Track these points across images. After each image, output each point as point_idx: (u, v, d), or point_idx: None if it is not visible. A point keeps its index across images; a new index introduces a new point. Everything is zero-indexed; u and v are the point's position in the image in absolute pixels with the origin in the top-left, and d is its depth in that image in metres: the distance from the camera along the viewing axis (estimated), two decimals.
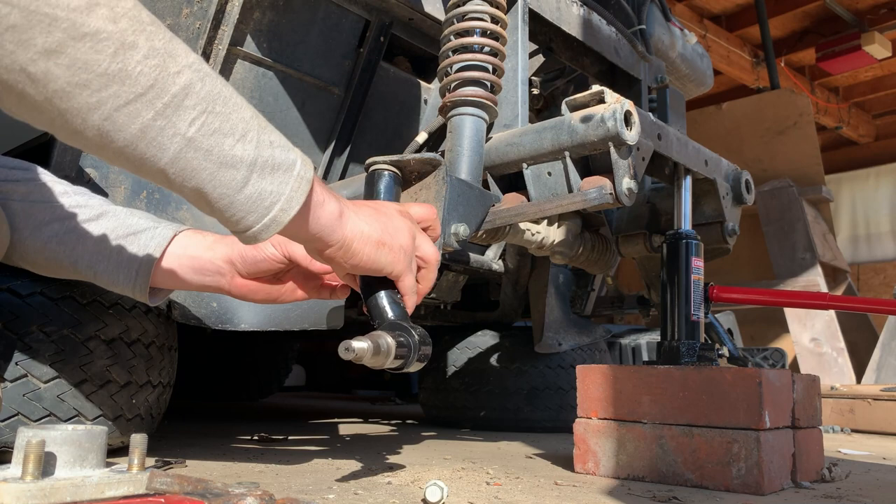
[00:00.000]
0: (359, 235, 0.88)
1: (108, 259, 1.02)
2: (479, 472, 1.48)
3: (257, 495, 0.68)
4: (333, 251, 0.87)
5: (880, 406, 3.04)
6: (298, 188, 0.78)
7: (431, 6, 1.78)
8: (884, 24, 5.92)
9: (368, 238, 0.89)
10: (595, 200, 1.27)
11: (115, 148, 0.66)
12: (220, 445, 1.84)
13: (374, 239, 0.90)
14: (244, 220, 0.76)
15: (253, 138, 0.74)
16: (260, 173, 0.74)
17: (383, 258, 0.91)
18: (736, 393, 1.33)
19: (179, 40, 0.68)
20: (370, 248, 0.89)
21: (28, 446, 0.70)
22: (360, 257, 0.89)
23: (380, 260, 0.91)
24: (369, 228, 0.89)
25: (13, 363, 1.28)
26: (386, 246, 0.91)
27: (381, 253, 0.91)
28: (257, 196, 0.75)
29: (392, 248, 0.92)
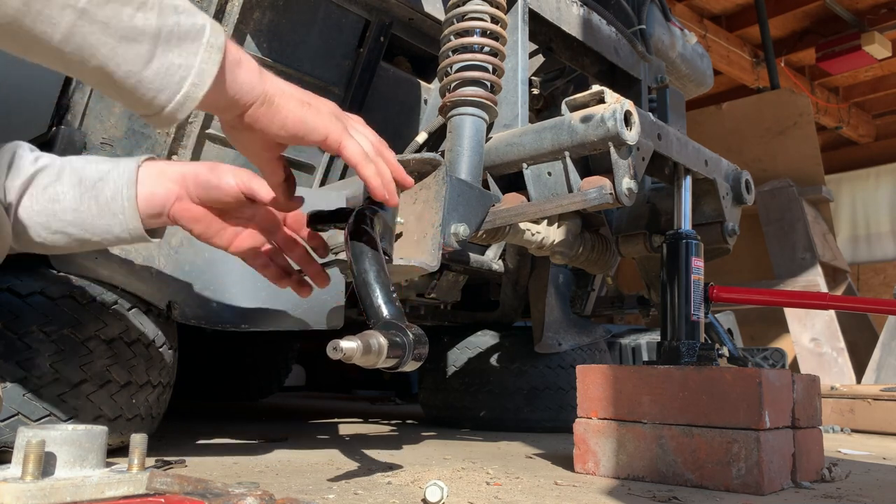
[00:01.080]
0: (280, 92, 0.81)
1: (93, 214, 0.94)
2: (479, 472, 1.48)
3: (257, 495, 0.68)
4: (255, 109, 0.80)
5: (880, 406, 3.04)
6: (209, 58, 0.72)
7: (431, 6, 1.78)
8: (884, 24, 5.92)
9: (291, 95, 0.83)
10: (595, 200, 1.27)
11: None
12: (220, 445, 1.84)
13: (297, 97, 0.84)
14: (156, 100, 0.70)
15: (154, 4, 0.67)
16: (166, 45, 0.68)
17: (311, 118, 0.85)
18: (736, 393, 1.33)
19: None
20: (294, 103, 0.83)
21: (28, 446, 0.70)
22: (284, 113, 0.82)
23: (307, 119, 0.84)
24: (291, 89, 0.84)
25: (13, 363, 1.28)
26: (312, 106, 0.85)
27: (308, 112, 0.84)
28: (165, 71, 0.69)
29: (319, 109, 0.86)
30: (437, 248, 1.20)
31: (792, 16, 6.10)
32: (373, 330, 0.94)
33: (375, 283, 1.01)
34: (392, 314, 0.98)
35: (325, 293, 1.49)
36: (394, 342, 0.93)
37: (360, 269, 1.03)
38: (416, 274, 1.26)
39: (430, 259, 1.20)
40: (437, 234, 1.20)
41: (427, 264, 1.19)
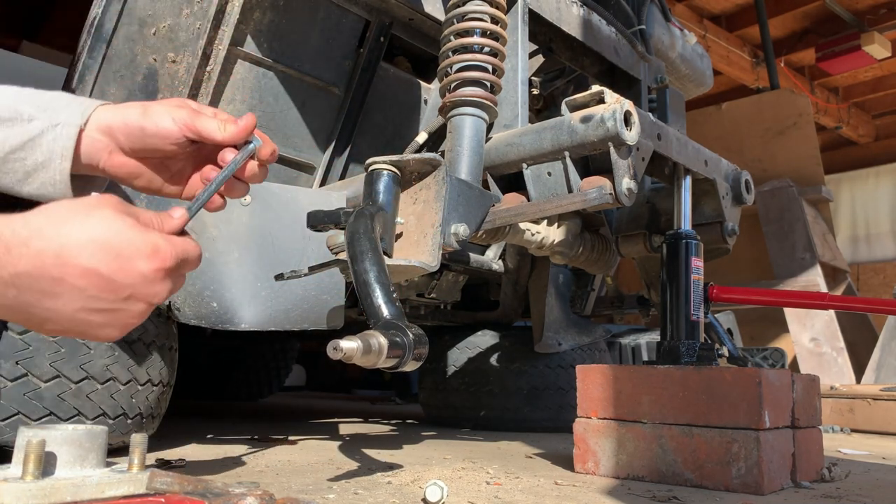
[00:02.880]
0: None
1: (17, 179, 0.80)
2: (479, 471, 1.48)
3: (257, 495, 0.68)
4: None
5: (880, 406, 3.04)
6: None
7: (431, 6, 1.78)
8: (884, 24, 5.92)
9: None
10: (595, 200, 1.27)
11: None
12: (220, 446, 1.84)
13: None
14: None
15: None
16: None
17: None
18: (736, 393, 1.34)
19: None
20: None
21: (28, 446, 0.70)
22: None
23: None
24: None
25: (13, 363, 1.28)
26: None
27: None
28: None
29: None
30: (437, 248, 1.20)
31: (792, 16, 6.10)
32: (373, 330, 0.94)
33: (375, 283, 1.01)
34: (392, 314, 0.98)
35: (326, 293, 1.49)
36: (394, 342, 0.93)
37: (360, 269, 1.03)
38: (416, 274, 1.26)
39: (430, 259, 1.20)
40: (437, 234, 1.20)
41: (427, 264, 1.20)
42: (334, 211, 1.16)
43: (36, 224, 0.65)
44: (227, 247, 1.43)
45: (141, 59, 1.55)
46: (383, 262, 1.05)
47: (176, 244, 0.71)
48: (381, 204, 1.20)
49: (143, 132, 0.80)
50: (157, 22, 1.54)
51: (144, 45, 1.54)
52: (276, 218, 1.47)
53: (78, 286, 0.66)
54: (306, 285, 1.47)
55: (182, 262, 0.72)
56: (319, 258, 1.40)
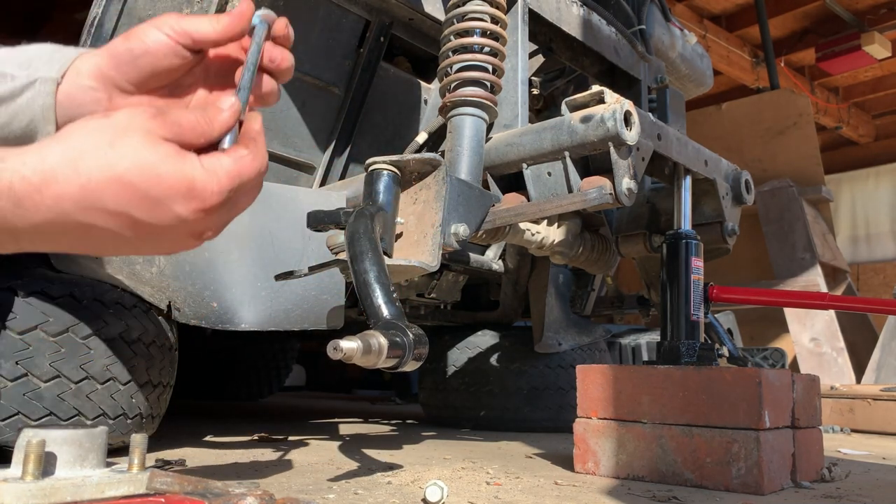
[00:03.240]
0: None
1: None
2: (479, 471, 1.48)
3: (257, 495, 0.68)
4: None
5: (880, 406, 3.04)
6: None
7: (431, 6, 1.78)
8: (884, 24, 5.92)
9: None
10: (595, 200, 1.27)
11: None
12: (220, 445, 1.84)
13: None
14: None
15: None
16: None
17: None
18: (736, 393, 1.33)
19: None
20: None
21: (28, 446, 0.70)
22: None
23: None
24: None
25: (13, 363, 1.28)
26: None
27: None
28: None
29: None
30: (437, 248, 1.20)
31: (792, 16, 6.10)
32: (373, 330, 0.94)
33: (375, 283, 1.01)
34: (392, 314, 0.98)
35: (326, 293, 1.49)
36: (394, 342, 0.93)
37: (360, 269, 1.03)
38: (416, 274, 1.26)
39: (430, 259, 1.20)
40: (437, 234, 1.20)
41: (427, 264, 1.20)
42: (334, 211, 1.16)
43: (51, 162, 0.55)
44: (227, 247, 1.43)
45: None
46: (383, 262, 1.05)
47: (219, 173, 0.59)
48: (381, 204, 1.20)
49: (132, 55, 0.69)
50: None
51: None
52: (276, 218, 1.47)
53: (110, 230, 0.58)
54: (306, 285, 1.47)
55: (232, 192, 0.60)
56: (319, 258, 1.40)
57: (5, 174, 0.53)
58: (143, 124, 0.57)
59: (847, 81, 7.15)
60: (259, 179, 0.64)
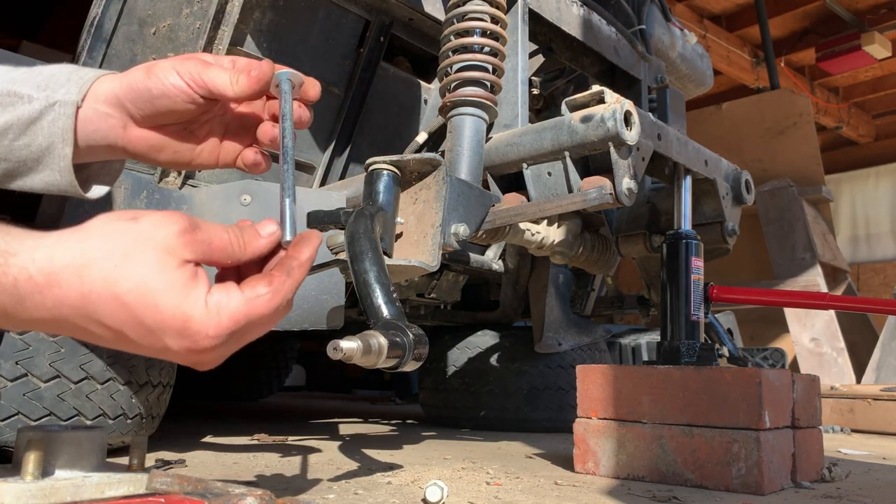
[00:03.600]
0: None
1: (28, 167, 0.72)
2: (479, 472, 1.48)
3: (257, 495, 0.67)
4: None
5: (880, 406, 3.04)
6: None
7: (431, 6, 1.78)
8: (884, 24, 5.92)
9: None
10: (595, 200, 1.27)
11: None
12: (220, 445, 1.84)
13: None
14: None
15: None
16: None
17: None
18: (736, 393, 1.33)
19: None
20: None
21: (28, 446, 0.70)
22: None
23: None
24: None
25: (13, 363, 1.28)
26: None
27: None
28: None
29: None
30: (437, 248, 1.20)
31: (792, 16, 6.10)
32: (373, 330, 0.94)
33: (375, 283, 1.01)
34: (392, 314, 0.98)
35: (326, 293, 1.49)
36: (394, 342, 0.93)
37: (360, 269, 1.03)
38: (416, 274, 1.26)
39: (430, 259, 1.20)
40: (437, 234, 1.20)
41: (427, 264, 1.19)
42: (334, 211, 1.16)
43: (59, 263, 0.53)
44: None
45: (141, 58, 1.54)
46: (383, 262, 1.05)
47: (222, 315, 0.56)
48: (381, 204, 1.20)
49: (150, 94, 0.70)
50: (157, 22, 1.53)
51: (144, 45, 1.54)
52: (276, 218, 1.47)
53: (106, 338, 0.56)
54: (306, 285, 1.47)
55: (234, 334, 0.57)
56: (319, 258, 1.40)
57: (13, 269, 0.52)
58: (167, 241, 0.55)
59: (847, 81, 7.15)
60: (277, 317, 0.60)
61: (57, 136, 0.69)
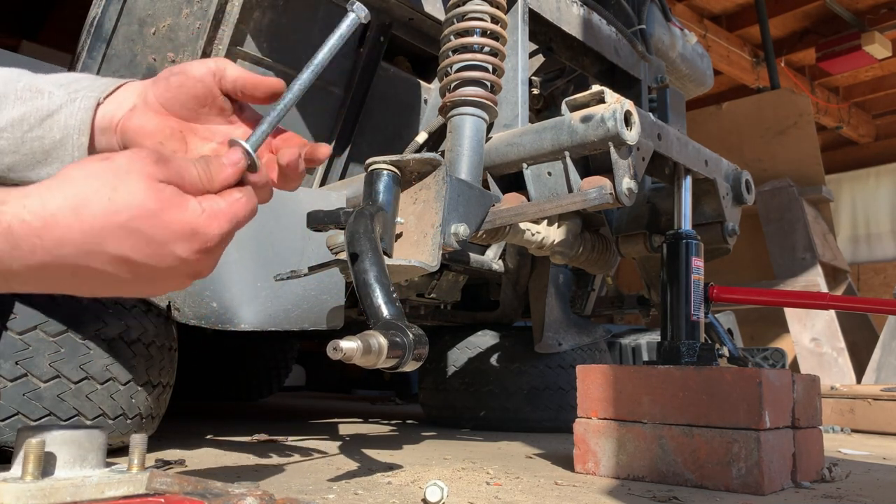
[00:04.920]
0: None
1: (36, 160, 0.72)
2: (479, 472, 1.48)
3: (257, 495, 0.67)
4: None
5: (880, 406, 3.04)
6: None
7: (431, 6, 1.78)
8: (884, 24, 5.92)
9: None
10: (595, 200, 1.27)
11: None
12: (220, 445, 1.84)
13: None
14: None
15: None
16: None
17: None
18: (736, 393, 1.33)
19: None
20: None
21: (28, 446, 0.70)
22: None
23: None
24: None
25: (13, 363, 1.28)
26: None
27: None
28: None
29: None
30: (437, 248, 1.20)
31: (792, 16, 6.10)
32: (373, 330, 0.94)
33: (375, 283, 1.01)
34: (392, 314, 0.98)
35: (326, 293, 1.49)
36: (394, 342, 0.93)
37: (360, 269, 1.03)
38: (416, 274, 1.26)
39: (430, 259, 1.20)
40: (437, 234, 1.20)
41: (427, 264, 1.19)
42: (334, 211, 1.16)
43: (52, 207, 0.55)
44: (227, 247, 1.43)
45: (141, 58, 1.55)
46: (383, 262, 1.05)
47: (219, 215, 0.61)
48: (381, 204, 1.20)
49: (169, 74, 0.72)
50: (156, 22, 1.53)
51: (144, 45, 1.54)
52: (276, 218, 1.47)
53: (107, 272, 0.58)
54: (306, 285, 1.47)
55: (228, 232, 0.63)
56: (319, 258, 1.40)
57: (5, 217, 0.54)
58: (144, 168, 0.58)
59: (847, 81, 7.15)
60: (250, 216, 0.66)
61: (73, 127, 0.71)
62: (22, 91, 0.72)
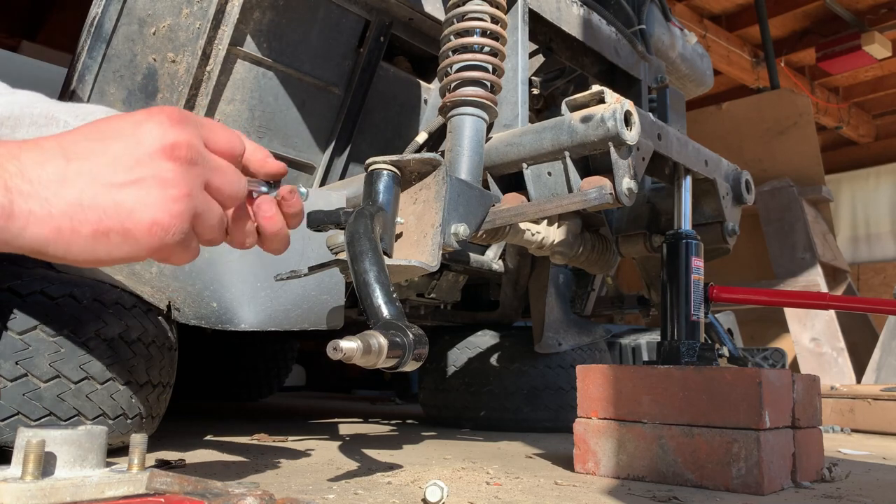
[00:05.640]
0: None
1: None
2: (479, 472, 1.48)
3: (257, 495, 0.67)
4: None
5: (880, 406, 3.04)
6: None
7: (431, 6, 1.78)
8: (884, 24, 5.92)
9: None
10: (595, 200, 1.27)
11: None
12: (220, 445, 1.84)
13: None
14: None
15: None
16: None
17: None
18: (736, 393, 1.33)
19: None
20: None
21: (28, 446, 0.70)
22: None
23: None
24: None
25: (13, 363, 1.28)
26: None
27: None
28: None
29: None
30: (437, 248, 1.20)
31: (792, 16, 6.10)
32: (373, 330, 0.94)
33: (375, 283, 1.01)
34: (392, 314, 0.98)
35: (326, 293, 1.49)
36: (394, 342, 0.93)
37: (360, 269, 1.03)
38: (416, 274, 1.26)
39: (430, 259, 1.20)
40: (437, 234, 1.20)
41: (427, 264, 1.19)
42: (334, 211, 1.16)
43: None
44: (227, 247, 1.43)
45: (141, 58, 1.55)
46: (383, 262, 1.05)
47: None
48: (381, 204, 1.20)
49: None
50: (156, 22, 1.54)
51: (144, 45, 1.54)
52: None
53: (86, 157, 0.56)
54: (306, 285, 1.47)
55: (190, 117, 0.61)
56: (319, 258, 1.40)
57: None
58: (166, 113, 0.60)
59: (847, 81, 7.15)
60: (230, 184, 0.65)
61: None
62: (37, 116, 0.73)
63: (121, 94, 1.54)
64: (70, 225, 0.55)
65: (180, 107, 1.54)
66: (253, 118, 1.66)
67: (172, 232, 0.59)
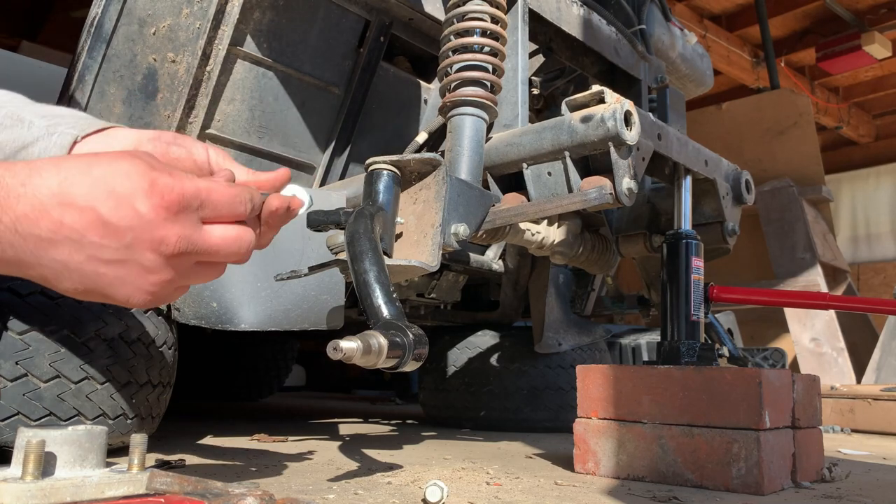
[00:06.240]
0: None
1: None
2: (479, 472, 1.48)
3: (257, 495, 0.67)
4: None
5: (880, 406, 3.04)
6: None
7: (431, 6, 1.78)
8: (884, 24, 5.92)
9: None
10: (595, 200, 1.27)
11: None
12: (220, 445, 1.84)
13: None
14: None
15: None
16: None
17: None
18: (736, 393, 1.33)
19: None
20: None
21: (28, 446, 0.70)
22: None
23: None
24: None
25: (13, 363, 1.28)
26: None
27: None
28: None
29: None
30: (437, 248, 1.20)
31: (792, 16, 6.10)
32: (373, 330, 0.94)
33: (375, 283, 1.01)
34: (392, 314, 0.98)
35: (326, 293, 1.49)
36: (394, 342, 0.93)
37: (360, 269, 1.03)
38: (416, 274, 1.26)
39: (430, 259, 1.20)
40: (437, 234, 1.20)
41: (427, 264, 1.19)
42: (334, 211, 1.16)
43: (38, 164, 0.59)
44: None
45: (141, 58, 1.55)
46: (383, 262, 1.05)
47: (185, 181, 0.62)
48: (381, 204, 1.20)
49: (171, 141, 0.77)
50: (156, 22, 1.53)
51: (144, 45, 1.54)
52: None
53: (76, 229, 0.59)
54: (306, 285, 1.47)
55: (190, 201, 0.62)
56: (319, 258, 1.40)
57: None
58: (137, 154, 0.64)
59: (847, 81, 7.15)
60: (228, 206, 0.67)
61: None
62: (4, 118, 0.73)
63: (121, 95, 1.54)
64: (55, 278, 0.62)
65: (180, 107, 1.54)
66: (253, 118, 1.66)
67: (146, 305, 0.66)
